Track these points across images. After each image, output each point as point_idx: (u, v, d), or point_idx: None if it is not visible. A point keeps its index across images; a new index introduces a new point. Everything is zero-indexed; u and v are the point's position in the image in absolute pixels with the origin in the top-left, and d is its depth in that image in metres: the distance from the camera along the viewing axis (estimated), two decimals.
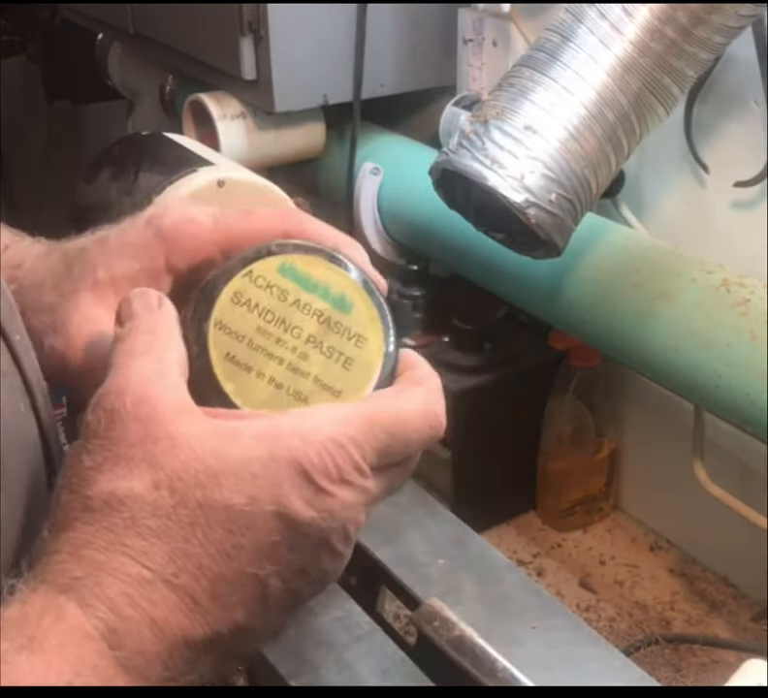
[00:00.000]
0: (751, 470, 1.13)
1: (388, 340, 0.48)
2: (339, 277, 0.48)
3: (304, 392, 0.46)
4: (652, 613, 1.20)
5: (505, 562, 0.77)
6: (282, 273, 0.47)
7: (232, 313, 0.46)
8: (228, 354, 0.45)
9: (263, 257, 0.47)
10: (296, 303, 0.47)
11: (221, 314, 0.46)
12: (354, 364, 0.47)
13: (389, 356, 0.49)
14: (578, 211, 0.88)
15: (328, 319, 0.47)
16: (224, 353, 0.45)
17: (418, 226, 1.29)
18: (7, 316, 0.47)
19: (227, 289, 0.46)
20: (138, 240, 0.51)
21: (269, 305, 0.46)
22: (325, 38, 1.27)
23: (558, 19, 0.87)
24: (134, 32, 1.48)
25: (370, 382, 0.48)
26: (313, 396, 0.46)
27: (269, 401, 0.46)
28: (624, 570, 1.27)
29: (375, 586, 0.81)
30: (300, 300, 0.47)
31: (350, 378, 0.47)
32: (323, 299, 0.47)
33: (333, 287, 0.47)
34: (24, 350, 0.47)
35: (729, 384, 0.90)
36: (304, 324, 0.47)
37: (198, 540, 0.40)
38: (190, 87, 1.42)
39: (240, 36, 1.24)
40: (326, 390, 0.47)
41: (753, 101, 1.01)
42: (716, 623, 1.19)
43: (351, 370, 0.47)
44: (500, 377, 1.27)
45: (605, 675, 0.67)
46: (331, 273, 0.48)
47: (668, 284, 0.98)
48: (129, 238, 0.51)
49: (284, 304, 0.47)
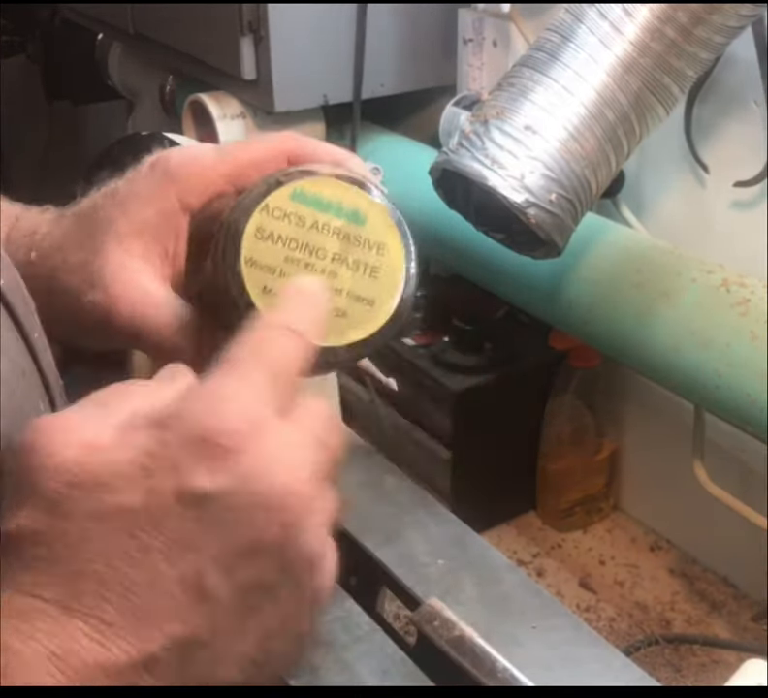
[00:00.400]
0: (751, 470, 1.13)
1: (406, 242, 0.51)
2: (348, 192, 0.49)
3: (341, 307, 0.49)
4: (652, 613, 1.20)
5: (505, 562, 0.77)
6: (295, 200, 0.48)
7: (258, 248, 0.48)
8: (265, 288, 0.47)
9: (274, 189, 0.48)
10: (314, 226, 0.49)
11: (249, 252, 0.48)
12: (381, 272, 0.50)
13: (410, 256, 0.51)
14: (578, 211, 0.88)
15: (347, 235, 0.49)
16: (261, 287, 0.47)
17: (418, 226, 1.29)
18: (25, 313, 0.47)
19: (249, 226, 0.48)
20: (147, 186, 0.52)
21: (290, 234, 0.48)
22: (325, 38, 1.27)
23: (558, 19, 0.87)
24: (134, 32, 1.48)
25: (399, 284, 0.50)
26: (351, 310, 0.49)
27: None
28: (624, 570, 1.27)
29: (375, 586, 0.81)
30: (317, 222, 0.49)
31: (380, 285, 0.49)
32: (338, 216, 0.49)
33: (344, 203, 0.49)
34: (42, 348, 0.47)
35: (729, 384, 0.90)
36: (327, 244, 0.49)
37: (95, 555, 0.36)
38: (190, 87, 1.42)
39: (240, 36, 1.24)
40: (359, 301, 0.49)
41: (753, 101, 1.01)
42: (716, 623, 1.19)
43: (379, 278, 0.49)
44: (500, 377, 1.27)
45: (605, 675, 0.67)
46: (339, 191, 0.49)
47: (668, 284, 0.98)
48: (138, 186, 0.52)
49: (304, 230, 0.48)
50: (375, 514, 0.82)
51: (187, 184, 0.51)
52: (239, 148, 0.52)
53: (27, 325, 0.46)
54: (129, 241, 0.51)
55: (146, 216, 0.51)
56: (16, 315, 0.46)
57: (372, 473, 0.87)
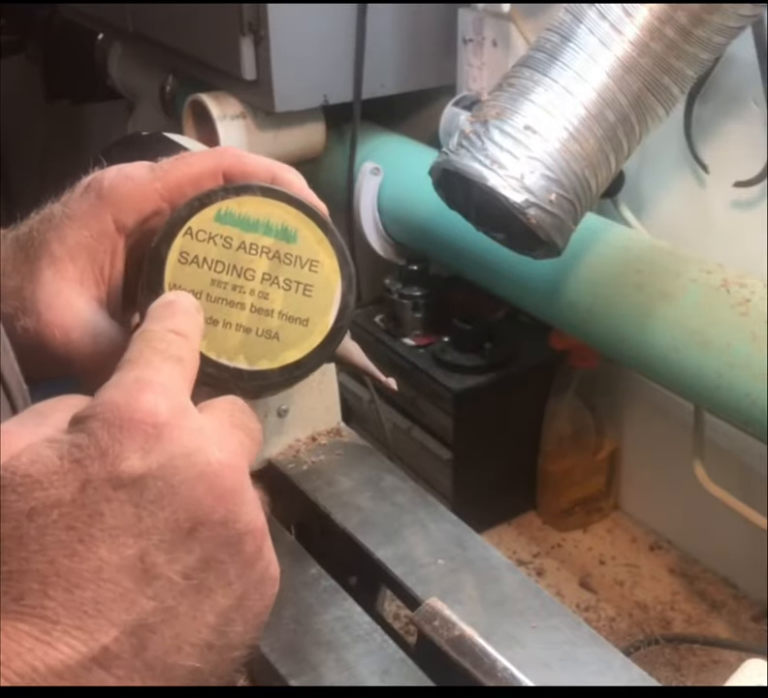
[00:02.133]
0: (751, 470, 1.13)
1: (340, 256, 0.48)
2: (277, 209, 0.47)
3: (273, 329, 0.47)
4: (652, 613, 1.20)
5: (505, 562, 0.77)
6: (221, 221, 0.47)
7: (183, 273, 0.46)
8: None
9: (197, 211, 0.47)
10: (242, 247, 0.47)
11: (173, 278, 0.46)
12: (314, 289, 0.47)
13: (346, 270, 0.48)
14: (578, 211, 0.88)
15: (277, 253, 0.47)
16: None
17: (418, 226, 1.30)
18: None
19: (172, 251, 0.46)
20: (81, 208, 0.51)
21: (216, 256, 0.47)
22: (325, 38, 1.27)
23: (557, 19, 0.87)
24: (134, 32, 1.48)
25: (334, 301, 0.48)
26: (283, 331, 0.47)
27: (242, 347, 0.47)
28: (625, 570, 1.27)
29: (375, 586, 0.81)
30: (244, 242, 0.47)
31: (314, 303, 0.47)
32: (267, 235, 0.47)
33: (272, 220, 0.47)
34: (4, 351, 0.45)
35: (729, 384, 0.91)
36: (255, 264, 0.47)
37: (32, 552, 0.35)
38: (190, 87, 1.42)
39: (240, 36, 1.24)
40: (293, 322, 0.47)
41: (753, 101, 1.01)
42: (716, 623, 1.19)
43: (313, 295, 0.47)
44: (500, 377, 1.27)
45: (605, 675, 0.67)
46: (267, 207, 0.47)
47: (668, 284, 0.98)
48: (73, 209, 0.51)
49: (230, 251, 0.47)
50: (375, 514, 0.82)
51: (121, 204, 0.50)
52: (173, 165, 0.51)
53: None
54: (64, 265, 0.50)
55: (81, 239, 0.50)
56: None
57: (372, 473, 0.87)
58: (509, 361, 1.28)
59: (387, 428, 1.26)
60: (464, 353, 1.28)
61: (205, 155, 0.51)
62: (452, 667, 0.65)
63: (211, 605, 0.37)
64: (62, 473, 0.36)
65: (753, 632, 1.17)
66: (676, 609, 1.21)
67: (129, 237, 0.51)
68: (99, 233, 0.50)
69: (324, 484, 0.85)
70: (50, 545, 0.35)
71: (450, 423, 1.26)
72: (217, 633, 0.38)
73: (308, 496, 0.83)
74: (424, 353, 1.31)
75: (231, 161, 0.50)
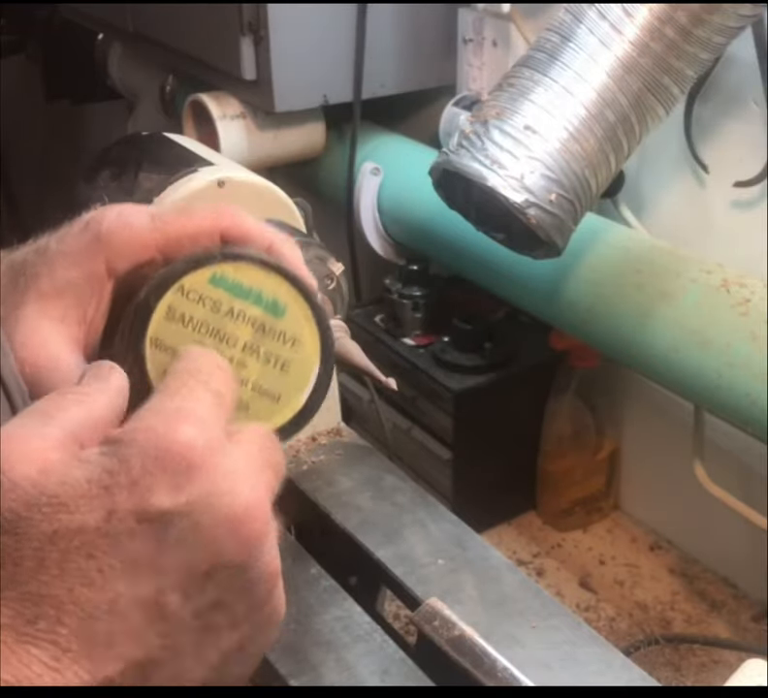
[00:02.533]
0: (751, 470, 1.13)
1: (324, 337, 0.48)
2: (271, 281, 0.47)
3: (244, 399, 0.46)
4: (652, 613, 1.20)
5: (505, 562, 0.77)
6: (214, 284, 0.47)
7: (167, 330, 0.46)
8: (166, 371, 0.44)
9: (192, 270, 0.46)
10: (229, 313, 0.47)
11: (156, 332, 0.46)
12: (292, 367, 0.47)
13: (326, 351, 0.48)
14: (578, 211, 0.88)
15: (262, 325, 0.47)
16: (162, 370, 0.45)
17: (418, 226, 1.30)
18: None
19: (160, 306, 0.46)
20: (77, 247, 0.50)
21: (202, 318, 0.46)
22: (325, 38, 1.27)
23: (557, 19, 0.87)
24: (134, 32, 1.48)
25: (309, 382, 0.48)
26: (253, 403, 0.47)
27: None
28: (625, 570, 1.27)
29: (375, 586, 0.81)
30: (233, 308, 0.47)
31: (289, 381, 0.47)
32: (256, 305, 0.47)
33: (265, 292, 0.47)
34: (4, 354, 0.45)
35: (729, 384, 0.91)
36: (239, 332, 0.47)
37: (52, 577, 0.35)
38: (190, 87, 1.42)
39: (240, 36, 1.24)
40: (264, 395, 0.47)
41: (753, 101, 1.01)
42: (716, 623, 1.19)
43: (289, 373, 0.47)
44: (500, 377, 1.27)
45: (605, 675, 0.67)
46: (262, 278, 0.47)
47: (668, 284, 0.98)
48: (68, 246, 0.51)
49: (218, 315, 0.47)
50: (375, 514, 0.82)
51: (116, 250, 0.50)
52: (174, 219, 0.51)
53: None
54: (49, 301, 0.49)
55: (70, 277, 0.50)
56: None
57: (372, 473, 0.87)
58: (509, 361, 1.28)
59: (387, 428, 1.26)
60: (464, 353, 1.28)
61: (206, 214, 0.51)
62: (452, 667, 0.65)
63: (216, 645, 0.38)
64: (89, 498, 0.35)
65: (753, 632, 1.17)
66: (676, 609, 1.21)
67: (118, 282, 0.50)
68: (89, 274, 0.50)
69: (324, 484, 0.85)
70: (70, 571, 0.35)
71: (450, 423, 1.26)
72: (216, 672, 0.38)
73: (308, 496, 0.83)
74: (424, 353, 1.31)
75: (231, 223, 0.50)
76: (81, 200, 0.84)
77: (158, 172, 0.80)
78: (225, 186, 0.79)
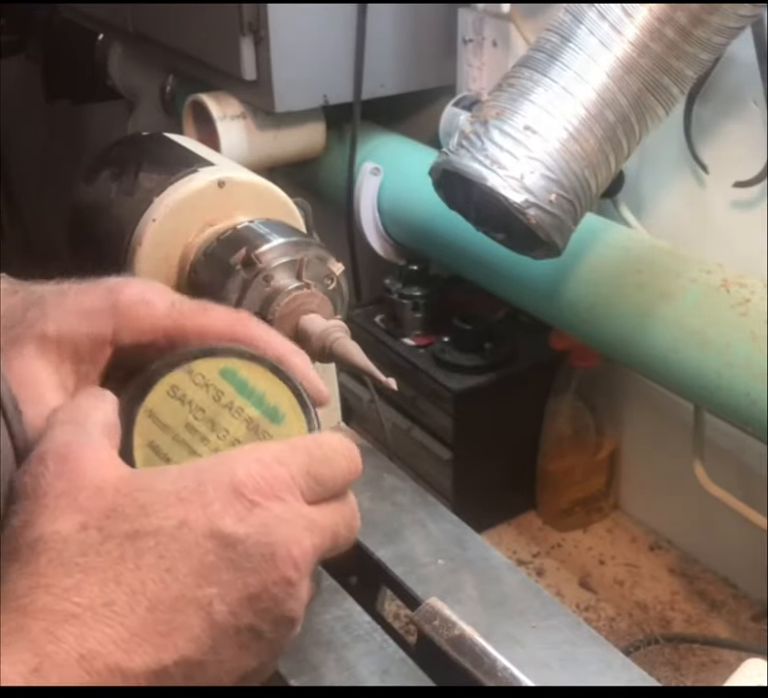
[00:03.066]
0: (751, 470, 1.13)
1: None
2: (277, 388, 0.49)
3: None
4: (651, 612, 1.20)
5: (505, 562, 0.77)
6: (222, 376, 0.48)
7: (164, 404, 0.48)
8: (152, 442, 0.47)
9: (207, 356, 0.48)
10: (228, 406, 0.48)
11: (153, 404, 0.47)
12: None
13: None
14: (578, 212, 0.88)
15: (256, 427, 0.48)
16: (148, 441, 0.47)
17: (418, 226, 1.30)
18: None
19: (165, 380, 0.48)
20: (92, 306, 0.52)
21: (202, 403, 0.48)
22: (325, 38, 1.27)
23: (557, 20, 0.87)
24: (134, 32, 1.48)
25: None
26: None
27: None
28: (624, 570, 1.28)
29: (375, 585, 0.81)
30: (233, 402, 0.48)
31: None
32: (256, 406, 0.49)
33: (268, 396, 0.49)
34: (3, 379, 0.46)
35: (729, 384, 0.91)
36: (233, 427, 0.48)
37: (129, 570, 0.40)
38: (190, 87, 1.42)
39: (240, 36, 1.24)
40: None
41: (753, 101, 1.01)
42: (716, 623, 1.19)
43: None
44: (500, 377, 1.27)
45: (605, 674, 0.67)
46: (269, 383, 0.49)
47: (668, 284, 0.98)
48: (85, 302, 0.52)
49: (217, 405, 0.48)
50: (375, 513, 0.82)
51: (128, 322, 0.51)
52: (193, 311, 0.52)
53: None
54: (50, 345, 0.51)
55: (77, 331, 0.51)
56: None
57: (372, 473, 0.87)
58: (509, 361, 1.28)
59: (387, 428, 1.26)
60: (464, 353, 1.28)
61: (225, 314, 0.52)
62: (452, 667, 0.65)
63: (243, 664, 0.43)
64: (167, 507, 0.41)
65: (753, 632, 1.17)
66: (676, 609, 1.21)
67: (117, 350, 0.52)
68: (96, 334, 0.51)
69: None
70: (144, 567, 0.40)
71: (450, 423, 1.26)
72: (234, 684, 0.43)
73: None
74: (424, 353, 1.31)
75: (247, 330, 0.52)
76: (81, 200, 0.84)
77: (158, 172, 0.80)
78: (225, 186, 0.79)
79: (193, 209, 0.78)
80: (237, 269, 0.73)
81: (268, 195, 0.81)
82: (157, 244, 0.78)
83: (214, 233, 0.78)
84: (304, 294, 0.72)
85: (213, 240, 0.77)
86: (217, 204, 0.79)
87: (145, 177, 0.80)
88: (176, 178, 0.79)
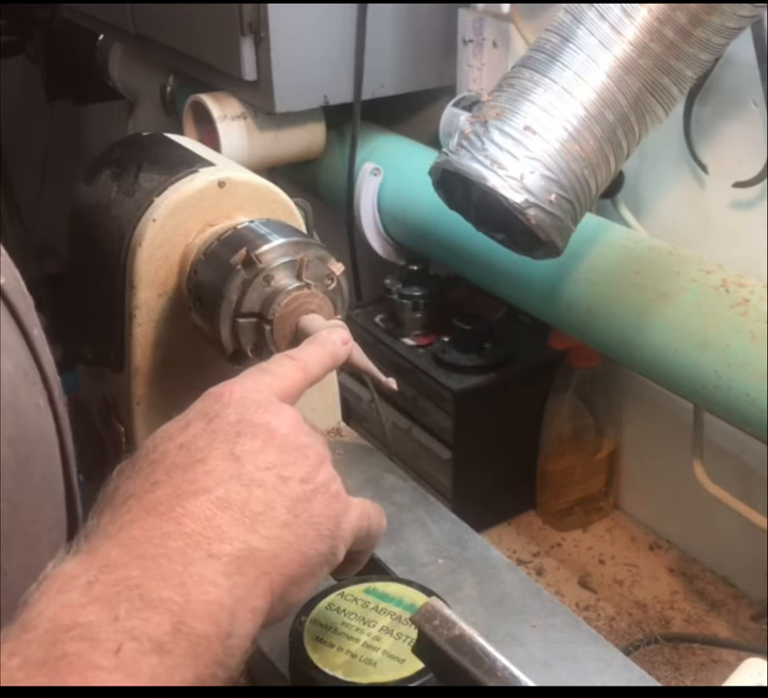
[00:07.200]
0: (751, 470, 1.13)
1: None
2: (411, 593, 0.66)
3: (374, 659, 0.61)
4: (651, 612, 1.21)
5: (505, 562, 0.77)
6: (367, 592, 0.66)
7: (324, 613, 0.65)
8: (318, 637, 0.63)
9: (354, 584, 0.66)
10: (375, 608, 0.65)
11: (316, 615, 0.64)
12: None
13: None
14: (577, 212, 0.88)
15: (400, 616, 0.64)
16: (315, 636, 0.63)
17: (418, 226, 1.30)
18: (25, 311, 0.48)
19: (323, 602, 0.65)
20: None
21: (353, 610, 0.65)
22: (325, 38, 1.27)
23: (557, 20, 0.87)
24: (134, 32, 1.48)
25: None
26: (381, 663, 0.61)
27: (344, 665, 0.61)
28: (624, 570, 1.28)
29: None
30: (378, 606, 0.65)
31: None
32: (397, 606, 0.65)
33: (405, 599, 0.65)
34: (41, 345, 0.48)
35: (729, 384, 0.91)
36: (380, 619, 0.64)
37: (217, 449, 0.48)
38: (190, 88, 1.42)
39: (240, 36, 1.24)
40: (392, 658, 0.61)
41: (753, 101, 1.01)
42: (715, 623, 1.19)
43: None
44: (500, 377, 1.27)
45: (605, 674, 0.67)
46: (406, 592, 0.66)
47: (668, 284, 0.98)
48: None
49: (365, 609, 0.65)
50: None
51: None
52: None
53: (27, 322, 0.47)
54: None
55: None
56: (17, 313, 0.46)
57: (373, 472, 0.87)
58: (509, 361, 1.29)
59: (387, 427, 1.26)
60: (464, 353, 1.28)
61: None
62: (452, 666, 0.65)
63: (319, 548, 0.49)
64: (224, 404, 0.50)
65: (753, 632, 1.17)
66: (675, 608, 1.21)
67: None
68: None
69: None
70: (222, 446, 0.48)
71: (450, 423, 1.26)
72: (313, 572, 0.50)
73: None
74: (424, 353, 1.31)
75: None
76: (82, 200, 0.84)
77: (159, 172, 0.80)
78: (225, 186, 0.79)
79: (193, 209, 0.78)
80: (237, 269, 0.73)
81: (268, 195, 0.82)
82: (157, 244, 0.78)
83: (215, 233, 0.78)
84: (304, 294, 0.73)
85: (214, 240, 0.77)
86: (217, 204, 0.79)
87: (146, 178, 0.80)
88: (176, 178, 0.79)
